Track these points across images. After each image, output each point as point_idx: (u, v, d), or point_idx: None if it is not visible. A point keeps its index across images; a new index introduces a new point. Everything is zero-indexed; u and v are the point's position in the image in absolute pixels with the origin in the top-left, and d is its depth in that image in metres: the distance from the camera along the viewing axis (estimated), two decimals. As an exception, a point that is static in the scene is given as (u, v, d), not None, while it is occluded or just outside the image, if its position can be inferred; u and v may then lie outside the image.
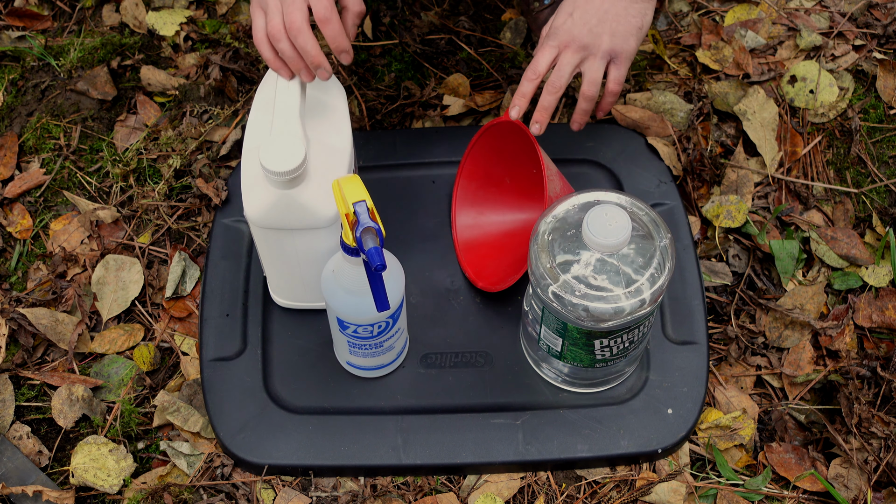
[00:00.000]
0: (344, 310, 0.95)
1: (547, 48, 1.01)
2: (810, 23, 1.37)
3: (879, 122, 1.29)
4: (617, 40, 0.99)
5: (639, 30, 1.00)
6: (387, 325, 0.98)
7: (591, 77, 1.01)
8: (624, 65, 1.01)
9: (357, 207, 0.84)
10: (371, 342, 1.00)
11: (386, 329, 0.99)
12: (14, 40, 1.42)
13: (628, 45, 1.00)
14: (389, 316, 0.97)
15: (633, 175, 1.21)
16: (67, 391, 1.11)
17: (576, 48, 0.99)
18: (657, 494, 1.03)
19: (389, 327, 0.99)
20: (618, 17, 0.99)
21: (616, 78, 1.02)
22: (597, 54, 1.00)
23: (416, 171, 1.23)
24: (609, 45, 0.99)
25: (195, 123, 1.30)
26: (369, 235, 0.83)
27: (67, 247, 1.23)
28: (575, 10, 0.99)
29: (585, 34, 0.99)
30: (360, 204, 0.84)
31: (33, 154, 1.31)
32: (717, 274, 1.19)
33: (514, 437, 1.03)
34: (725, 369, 1.13)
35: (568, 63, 1.00)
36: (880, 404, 1.08)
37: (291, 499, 1.03)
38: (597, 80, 1.01)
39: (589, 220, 0.87)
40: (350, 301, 0.94)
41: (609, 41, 0.99)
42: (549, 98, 1.02)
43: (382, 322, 0.97)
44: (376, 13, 1.41)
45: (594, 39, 0.99)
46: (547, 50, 1.01)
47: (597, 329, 0.92)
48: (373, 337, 0.99)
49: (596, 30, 0.99)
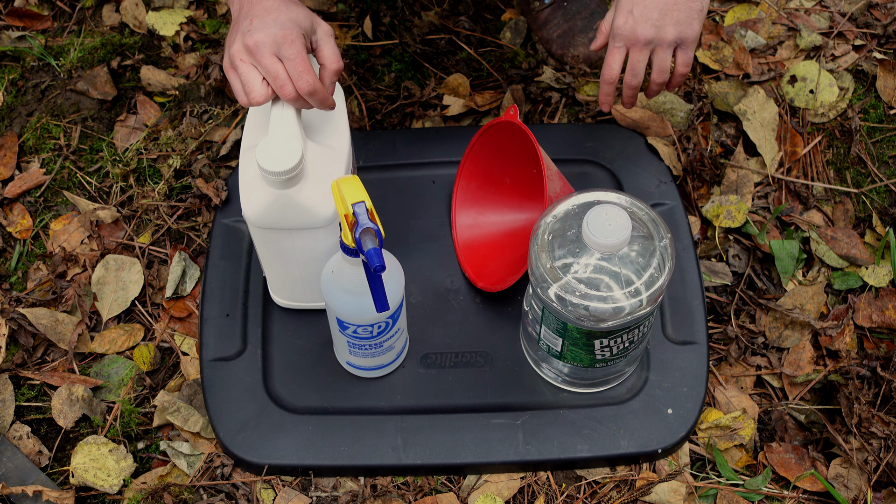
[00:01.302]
0: (344, 310, 0.95)
1: (615, 51, 1.03)
2: (810, 23, 1.37)
3: (879, 122, 1.29)
4: (681, 27, 1.01)
5: (700, 12, 1.01)
6: (387, 325, 0.98)
7: (660, 66, 1.04)
8: (691, 48, 1.03)
9: (356, 208, 0.83)
10: (371, 342, 1.00)
11: (386, 329, 0.99)
12: (14, 40, 1.42)
13: (692, 30, 1.01)
14: (389, 316, 0.97)
15: (633, 175, 1.21)
16: (67, 391, 1.11)
17: (643, 45, 1.01)
18: (657, 494, 1.03)
19: (389, 328, 0.99)
20: (677, 6, 1.00)
21: (684, 62, 1.04)
22: (664, 45, 1.02)
23: (416, 171, 1.23)
24: (675, 35, 1.01)
25: (195, 123, 1.30)
26: (368, 236, 0.83)
27: (67, 247, 1.23)
28: (634, 6, 1.00)
29: (650, 29, 1.00)
30: (359, 205, 0.84)
31: (33, 154, 1.31)
32: (717, 274, 1.19)
33: (514, 437, 1.03)
34: (725, 369, 1.13)
35: (639, 62, 1.03)
36: (880, 404, 1.08)
37: (291, 499, 1.03)
38: (666, 69, 1.04)
39: (589, 220, 0.87)
40: (350, 301, 0.94)
41: (674, 31, 1.00)
42: (629, 95, 1.07)
43: (382, 322, 0.97)
44: (376, 13, 1.41)
45: (659, 33, 1.00)
46: (616, 52, 1.03)
47: (597, 329, 0.92)
48: (373, 337, 0.99)
49: (659, 23, 1.00)
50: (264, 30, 0.89)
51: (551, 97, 1.32)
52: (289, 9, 0.91)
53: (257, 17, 0.90)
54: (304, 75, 0.89)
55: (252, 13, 0.91)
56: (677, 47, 1.03)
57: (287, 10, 0.91)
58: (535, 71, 1.34)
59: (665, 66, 1.03)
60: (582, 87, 1.32)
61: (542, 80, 1.33)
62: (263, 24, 0.89)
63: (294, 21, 0.90)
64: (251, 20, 0.90)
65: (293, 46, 0.89)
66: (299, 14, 0.91)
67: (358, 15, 1.42)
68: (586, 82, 1.32)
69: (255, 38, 0.89)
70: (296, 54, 0.89)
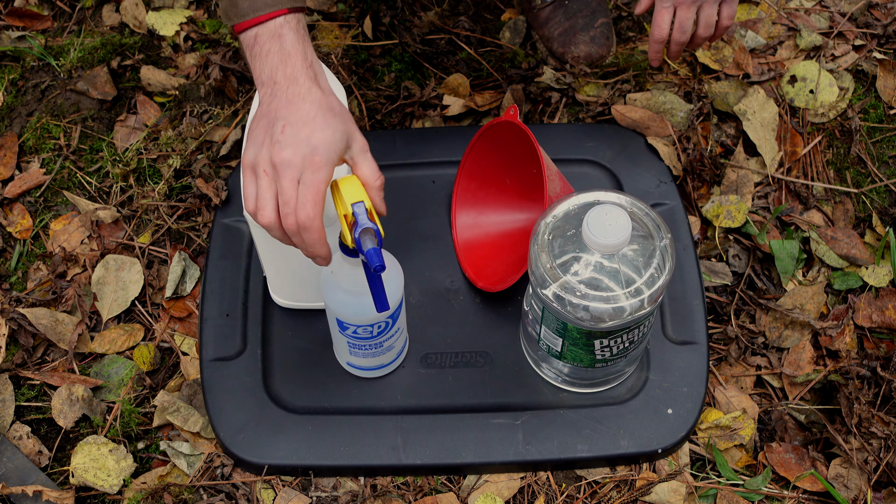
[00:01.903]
0: (343, 311, 0.95)
1: (664, 10, 1.07)
2: (810, 23, 1.37)
3: (879, 122, 1.29)
4: None
5: None
6: (386, 325, 0.98)
7: (707, 22, 1.07)
8: (735, 1, 1.07)
9: (355, 208, 0.83)
10: (371, 342, 1.00)
11: (386, 329, 0.99)
12: (14, 40, 1.42)
13: None
14: (389, 316, 0.97)
15: (633, 175, 1.21)
16: (67, 391, 1.10)
17: (690, 2, 1.05)
18: (657, 494, 1.03)
19: (389, 327, 0.99)
20: None
21: (729, 14, 1.08)
22: (710, 1, 1.05)
23: (416, 171, 1.23)
24: None
25: (195, 123, 1.30)
26: (368, 236, 0.83)
27: (67, 247, 1.23)
28: None
29: None
30: (358, 205, 0.83)
31: (33, 154, 1.31)
32: (717, 274, 1.19)
33: (514, 437, 1.03)
34: (725, 369, 1.13)
35: (688, 19, 1.07)
36: (880, 404, 1.08)
37: (291, 499, 1.03)
38: (713, 24, 1.08)
39: (589, 220, 0.87)
40: (349, 302, 0.94)
41: None
42: (676, 51, 1.11)
43: (382, 322, 0.97)
44: (376, 13, 1.41)
45: None
46: (664, 12, 1.07)
47: (597, 329, 0.92)
48: (372, 337, 0.99)
49: None
50: (295, 147, 0.81)
51: (551, 97, 1.32)
52: (327, 123, 0.82)
53: (290, 126, 0.82)
54: (306, 206, 0.81)
55: (287, 117, 0.82)
56: (722, 2, 1.06)
57: (325, 126, 0.82)
58: (535, 71, 1.34)
59: (712, 21, 1.07)
60: (582, 87, 1.32)
61: (542, 80, 1.33)
62: (296, 140, 0.81)
63: (328, 144, 0.82)
64: (283, 127, 0.82)
65: (316, 175, 0.81)
66: (336, 132, 0.83)
67: (358, 15, 1.42)
68: (586, 82, 1.32)
69: (283, 155, 0.81)
70: (314, 183, 0.81)
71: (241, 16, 0.86)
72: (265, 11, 0.86)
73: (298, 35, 0.86)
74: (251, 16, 0.86)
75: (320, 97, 0.84)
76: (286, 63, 0.85)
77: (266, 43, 0.86)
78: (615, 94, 1.31)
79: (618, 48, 1.36)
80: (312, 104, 0.83)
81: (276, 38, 0.85)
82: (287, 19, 0.86)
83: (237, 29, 0.87)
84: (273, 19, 0.86)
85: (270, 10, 0.86)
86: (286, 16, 0.86)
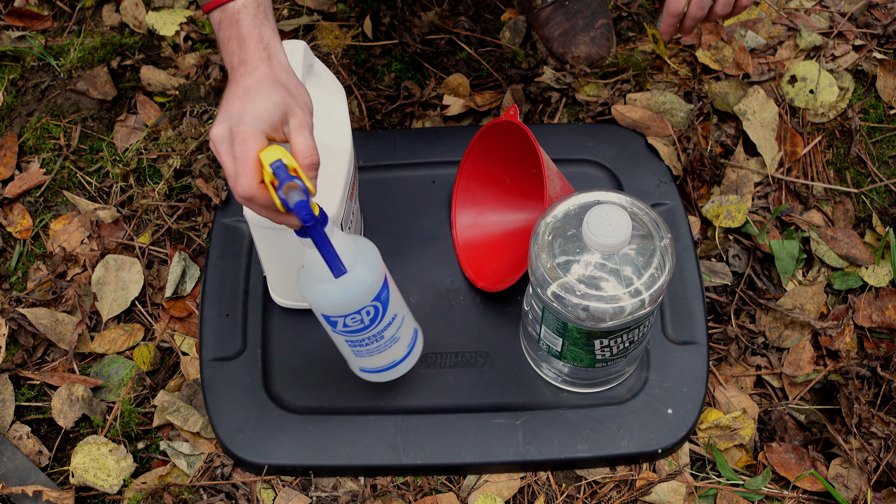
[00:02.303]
0: (322, 301, 0.90)
1: None
2: (810, 23, 1.37)
3: (879, 122, 1.29)
4: None
5: None
6: (376, 310, 0.92)
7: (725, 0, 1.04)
8: None
9: (274, 167, 0.77)
10: (368, 335, 0.95)
11: (377, 316, 0.93)
12: (14, 40, 1.42)
13: None
14: (375, 299, 0.91)
15: (633, 175, 1.21)
16: (67, 391, 1.11)
17: None
18: (657, 494, 1.03)
19: (379, 313, 0.93)
20: None
21: None
22: None
23: (416, 171, 1.23)
24: None
25: (195, 123, 1.30)
26: (293, 191, 0.77)
27: (67, 247, 1.23)
28: None
29: None
30: (276, 163, 0.78)
31: (33, 154, 1.31)
32: (717, 274, 1.19)
33: (514, 437, 1.03)
34: (725, 369, 1.13)
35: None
36: (880, 404, 1.08)
37: (291, 499, 1.03)
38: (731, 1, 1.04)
39: (589, 220, 0.87)
40: (324, 290, 0.89)
41: None
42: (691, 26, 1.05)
43: (370, 308, 0.91)
44: (376, 13, 1.41)
45: None
46: None
47: (597, 329, 0.92)
48: (366, 328, 0.94)
49: None
50: (226, 122, 0.81)
51: (551, 97, 1.32)
52: (260, 94, 0.82)
53: (226, 102, 0.83)
54: (240, 179, 0.79)
55: (227, 97, 0.84)
56: None
57: (257, 98, 0.82)
58: (535, 71, 1.34)
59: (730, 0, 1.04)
60: (582, 87, 1.32)
61: (542, 80, 1.33)
62: (228, 115, 0.81)
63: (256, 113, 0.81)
64: (221, 105, 0.83)
65: (243, 146, 0.80)
66: (269, 102, 0.82)
67: (358, 15, 1.42)
68: (586, 82, 1.32)
69: (215, 132, 0.81)
70: (242, 154, 0.80)
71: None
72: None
73: (256, 19, 0.87)
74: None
75: (265, 72, 0.84)
76: (241, 48, 0.86)
77: (226, 29, 0.87)
78: (615, 94, 1.31)
79: (618, 48, 1.36)
80: (253, 79, 0.84)
81: (235, 23, 0.87)
82: (245, 2, 0.87)
83: (205, 9, 0.89)
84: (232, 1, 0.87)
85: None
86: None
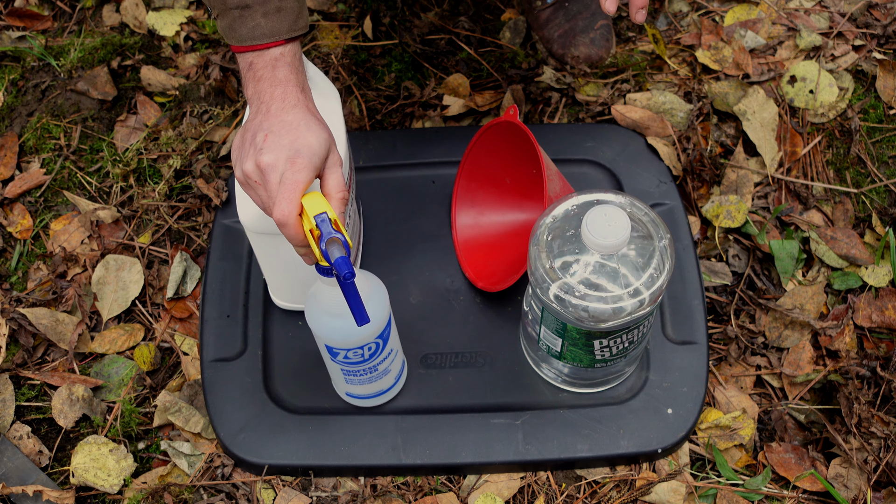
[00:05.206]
0: (329, 335, 0.93)
1: None
2: (810, 23, 1.37)
3: (879, 122, 1.29)
4: None
5: None
6: (377, 346, 0.96)
7: None
8: None
9: (318, 220, 0.81)
10: (364, 367, 0.98)
11: (376, 352, 0.96)
12: (14, 40, 1.42)
13: None
14: (378, 336, 0.95)
15: (633, 175, 1.21)
16: (67, 391, 1.11)
17: None
18: (657, 494, 1.03)
19: (380, 349, 0.97)
20: None
21: None
22: None
23: (416, 171, 1.23)
24: None
25: (195, 123, 1.30)
26: (335, 246, 0.80)
27: (67, 247, 1.23)
28: None
29: None
30: (321, 216, 0.81)
31: (33, 154, 1.31)
32: (717, 274, 1.19)
33: (514, 437, 1.03)
34: (725, 369, 1.13)
35: None
36: (880, 404, 1.08)
37: (291, 499, 1.03)
38: None
39: (588, 220, 0.87)
40: (334, 325, 0.92)
41: None
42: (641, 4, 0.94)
43: (372, 344, 0.95)
44: (376, 13, 1.41)
45: None
46: None
47: (596, 329, 0.92)
48: (364, 361, 0.97)
49: None
50: (278, 151, 0.82)
51: (551, 97, 1.32)
52: (310, 130, 0.83)
53: (273, 135, 0.83)
54: (282, 202, 0.81)
55: (269, 127, 0.84)
56: None
57: (307, 133, 0.83)
58: (535, 71, 1.34)
59: None
60: (582, 87, 1.32)
61: (542, 80, 1.33)
62: (279, 146, 0.82)
63: (311, 147, 0.82)
64: (266, 136, 0.83)
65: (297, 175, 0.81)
66: (319, 139, 0.83)
67: (358, 15, 1.42)
68: (586, 82, 1.32)
69: (266, 160, 0.82)
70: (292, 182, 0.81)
71: (239, 40, 0.87)
72: (263, 41, 0.87)
73: (293, 67, 0.88)
74: (249, 43, 0.87)
75: (305, 110, 0.85)
76: (276, 86, 0.86)
77: (260, 70, 0.87)
78: (615, 94, 1.31)
79: (617, 48, 1.36)
80: (295, 116, 0.85)
81: (271, 67, 0.87)
82: (283, 52, 0.87)
83: (234, 50, 0.89)
84: (269, 49, 0.87)
85: (268, 41, 0.87)
86: (283, 47, 0.87)
